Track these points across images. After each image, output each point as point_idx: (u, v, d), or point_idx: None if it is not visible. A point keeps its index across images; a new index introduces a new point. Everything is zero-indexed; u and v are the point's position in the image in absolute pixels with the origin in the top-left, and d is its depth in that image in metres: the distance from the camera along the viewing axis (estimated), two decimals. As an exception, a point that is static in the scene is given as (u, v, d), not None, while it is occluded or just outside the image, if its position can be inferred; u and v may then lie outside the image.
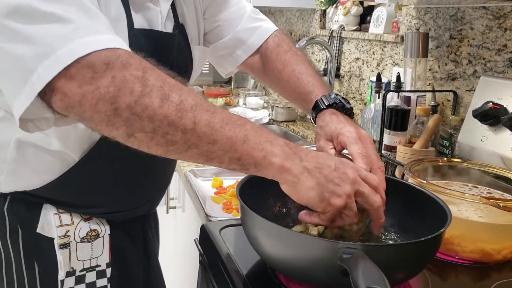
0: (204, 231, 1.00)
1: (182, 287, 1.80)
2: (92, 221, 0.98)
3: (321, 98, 0.95)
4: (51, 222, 0.94)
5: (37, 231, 0.94)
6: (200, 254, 1.00)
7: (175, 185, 1.82)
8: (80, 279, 0.99)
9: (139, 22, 0.89)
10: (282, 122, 2.24)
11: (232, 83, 2.97)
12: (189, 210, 1.58)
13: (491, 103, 1.12)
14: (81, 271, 0.98)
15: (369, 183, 0.76)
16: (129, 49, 0.68)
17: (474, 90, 1.24)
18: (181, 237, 1.79)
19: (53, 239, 0.95)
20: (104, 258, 1.00)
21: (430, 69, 1.48)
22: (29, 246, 0.95)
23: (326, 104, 0.94)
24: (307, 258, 0.71)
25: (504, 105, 1.11)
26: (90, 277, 1.00)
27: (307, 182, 0.71)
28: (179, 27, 0.98)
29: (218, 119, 0.68)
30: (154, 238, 1.16)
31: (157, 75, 0.67)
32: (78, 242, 0.96)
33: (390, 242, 0.91)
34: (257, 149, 0.69)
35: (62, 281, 0.96)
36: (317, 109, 0.95)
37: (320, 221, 0.76)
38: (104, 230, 0.99)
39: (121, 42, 0.68)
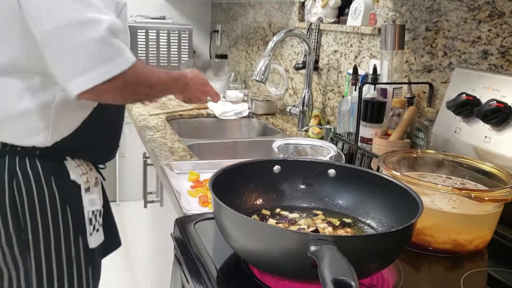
0: (178, 225, 0.99)
1: (159, 281, 1.79)
2: (93, 172, 1.30)
3: None
4: (77, 172, 1.24)
5: (71, 179, 1.22)
6: (175, 248, 0.99)
7: (152, 179, 1.80)
8: (95, 218, 1.28)
9: None
10: (261, 115, 2.24)
11: (212, 76, 2.95)
12: (166, 204, 1.57)
13: (464, 95, 1.13)
14: (93, 212, 1.27)
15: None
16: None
17: (449, 82, 1.25)
18: (159, 231, 1.78)
19: (79, 185, 1.23)
20: (101, 201, 1.31)
21: (406, 61, 1.49)
22: (62, 193, 1.20)
23: None
24: (278, 250, 0.70)
25: (478, 97, 1.12)
26: (97, 216, 1.29)
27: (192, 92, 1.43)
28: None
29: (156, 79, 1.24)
30: None
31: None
32: (93, 186, 1.28)
33: (363, 233, 0.91)
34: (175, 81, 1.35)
35: (90, 219, 1.26)
36: None
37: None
38: (100, 178, 1.33)
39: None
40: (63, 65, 1.05)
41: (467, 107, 1.12)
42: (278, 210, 0.97)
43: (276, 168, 1.00)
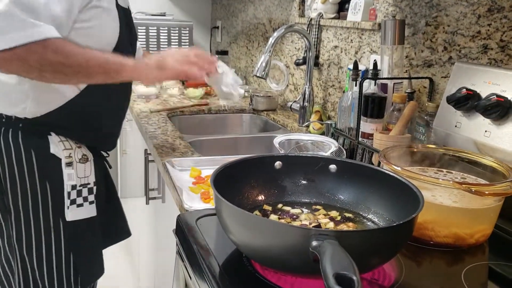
0: (180, 221, 1.00)
1: (162, 277, 1.80)
2: (82, 149, 1.34)
3: None
4: (59, 146, 1.29)
5: (51, 152, 1.27)
6: (177, 244, 1.00)
7: (154, 176, 1.81)
8: (79, 193, 1.33)
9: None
10: (262, 111, 2.24)
11: (213, 73, 2.95)
12: (169, 200, 1.58)
13: (464, 89, 1.13)
14: (79, 186, 1.32)
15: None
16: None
17: (449, 77, 1.25)
18: (161, 228, 1.79)
19: (60, 159, 1.29)
20: (91, 178, 1.36)
21: (406, 56, 1.49)
22: (42, 165, 1.27)
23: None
24: (280, 246, 0.71)
25: (478, 91, 1.12)
26: (85, 192, 1.34)
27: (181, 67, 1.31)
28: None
29: (91, 55, 1.18)
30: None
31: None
32: (77, 162, 1.32)
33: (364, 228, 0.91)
34: (115, 63, 1.20)
35: (69, 193, 1.31)
36: None
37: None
38: (91, 156, 1.36)
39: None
40: None
41: (468, 102, 1.12)
42: (280, 205, 0.98)
43: (278, 163, 1.00)
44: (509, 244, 1.00)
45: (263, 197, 0.99)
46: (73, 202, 1.32)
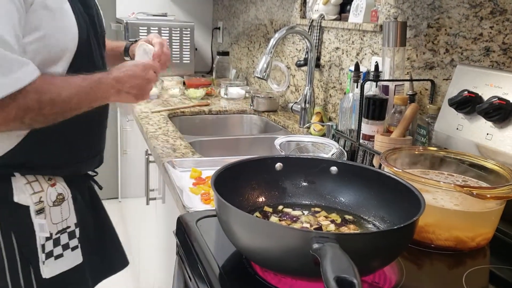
0: (180, 222, 1.00)
1: (162, 278, 1.79)
2: (57, 186, 1.10)
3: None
4: (25, 191, 1.04)
5: (15, 201, 1.04)
6: (177, 245, 0.99)
7: (155, 177, 1.80)
8: (56, 242, 1.11)
9: None
10: (263, 112, 2.24)
11: (214, 73, 2.95)
12: (169, 201, 1.58)
13: (466, 92, 1.13)
14: (56, 233, 1.10)
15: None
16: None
17: (451, 79, 1.24)
18: (161, 229, 1.78)
19: (28, 207, 1.05)
20: (72, 219, 1.13)
21: (408, 58, 1.48)
22: (5, 218, 1.04)
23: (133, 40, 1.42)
24: (280, 248, 0.71)
25: (480, 94, 1.12)
26: (64, 239, 1.12)
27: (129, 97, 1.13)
28: None
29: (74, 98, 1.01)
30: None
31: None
32: (51, 206, 1.08)
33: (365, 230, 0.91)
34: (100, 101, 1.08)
35: (43, 246, 1.08)
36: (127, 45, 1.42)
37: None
38: (68, 193, 1.13)
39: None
40: None
41: (469, 104, 1.12)
42: (280, 207, 0.97)
43: (278, 165, 1.00)
44: (510, 248, 0.99)
45: (263, 198, 0.98)
46: (49, 255, 1.09)
